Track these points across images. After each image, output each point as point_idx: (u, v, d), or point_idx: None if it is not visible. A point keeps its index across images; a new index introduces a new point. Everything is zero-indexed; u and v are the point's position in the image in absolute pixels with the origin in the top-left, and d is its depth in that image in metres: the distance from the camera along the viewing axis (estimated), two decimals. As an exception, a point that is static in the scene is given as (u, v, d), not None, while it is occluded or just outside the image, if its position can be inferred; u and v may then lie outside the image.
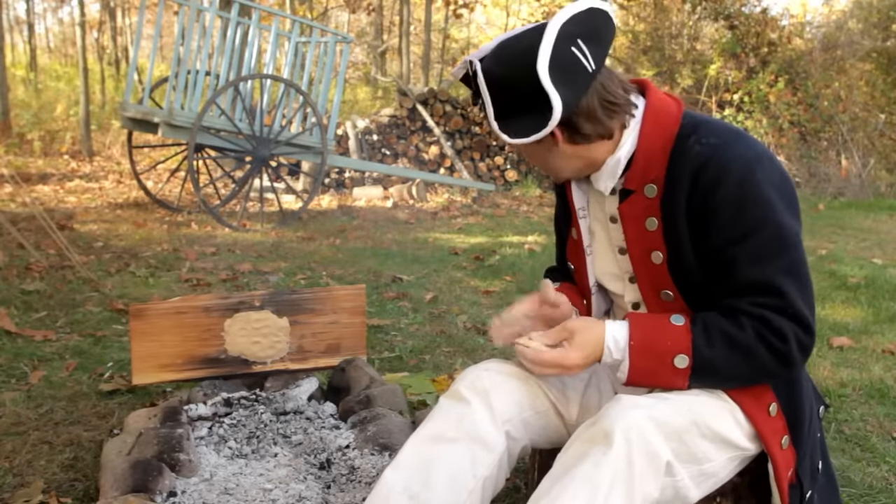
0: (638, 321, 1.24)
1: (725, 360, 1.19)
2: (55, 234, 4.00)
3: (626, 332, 1.23)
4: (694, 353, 1.19)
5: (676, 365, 1.20)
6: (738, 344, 1.18)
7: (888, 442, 2.27)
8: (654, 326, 1.23)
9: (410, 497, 1.23)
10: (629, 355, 1.21)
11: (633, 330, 1.22)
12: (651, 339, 1.21)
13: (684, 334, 1.20)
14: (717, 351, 1.19)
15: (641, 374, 1.22)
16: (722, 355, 1.19)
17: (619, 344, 1.23)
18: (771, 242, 1.19)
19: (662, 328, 1.22)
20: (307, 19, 12.67)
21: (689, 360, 1.19)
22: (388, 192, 8.19)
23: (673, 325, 1.22)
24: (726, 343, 1.18)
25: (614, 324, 1.25)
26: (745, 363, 1.19)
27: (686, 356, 1.19)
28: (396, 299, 3.80)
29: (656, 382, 1.23)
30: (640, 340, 1.21)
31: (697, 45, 13.39)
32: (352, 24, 19.66)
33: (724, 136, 1.24)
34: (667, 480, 1.16)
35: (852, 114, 11.49)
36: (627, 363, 1.21)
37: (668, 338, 1.21)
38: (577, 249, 1.45)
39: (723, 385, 1.24)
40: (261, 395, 2.13)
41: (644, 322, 1.24)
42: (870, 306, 3.93)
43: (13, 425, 2.15)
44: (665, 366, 1.20)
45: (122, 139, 9.54)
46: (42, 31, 22.95)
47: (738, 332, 1.18)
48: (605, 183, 1.31)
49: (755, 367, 1.20)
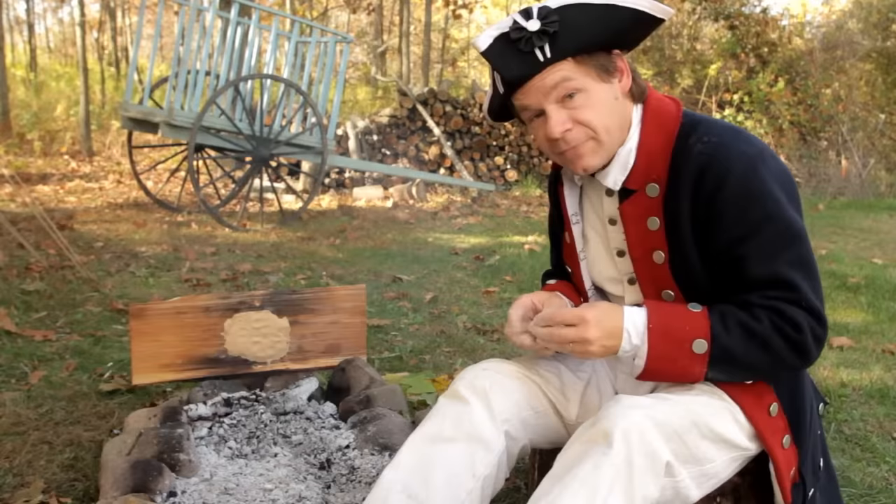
0: (656, 306, 1.23)
1: (743, 348, 1.18)
2: (55, 234, 4.00)
3: (645, 316, 1.21)
4: (713, 338, 1.18)
5: (695, 350, 1.18)
6: (755, 333, 1.18)
7: (888, 442, 2.27)
8: (672, 311, 1.22)
9: (409, 497, 1.23)
10: (648, 338, 1.19)
11: (652, 314, 1.21)
12: (670, 323, 1.20)
13: (703, 320, 1.19)
14: (735, 339, 1.18)
15: (660, 358, 1.20)
16: (739, 344, 1.18)
17: (639, 328, 1.20)
18: (778, 237, 1.19)
19: (681, 313, 1.21)
20: (307, 19, 12.67)
21: (707, 345, 1.18)
22: (388, 192, 8.19)
23: (691, 312, 1.21)
24: (744, 332, 1.18)
25: (632, 308, 1.23)
26: (763, 353, 1.18)
27: (705, 341, 1.18)
28: (396, 299, 3.80)
29: (674, 368, 1.20)
30: (659, 323, 1.20)
31: (697, 45, 13.40)
32: (352, 24, 19.66)
33: (725, 134, 1.24)
34: (667, 481, 1.16)
35: (852, 114, 11.50)
36: (646, 349, 1.19)
37: (686, 322, 1.20)
38: (572, 253, 1.46)
39: (740, 376, 1.23)
40: (261, 395, 2.13)
41: (662, 307, 1.23)
42: (870, 306, 3.93)
43: (13, 425, 2.15)
44: (683, 351, 1.19)
45: (122, 139, 9.55)
46: (42, 31, 22.97)
47: (755, 323, 1.18)
48: (615, 177, 1.30)
49: (772, 357, 1.19)
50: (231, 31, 6.09)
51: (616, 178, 1.30)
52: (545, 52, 1.20)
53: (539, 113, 1.26)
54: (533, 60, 1.21)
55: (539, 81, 1.22)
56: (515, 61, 1.22)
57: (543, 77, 1.22)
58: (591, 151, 1.26)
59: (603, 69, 1.24)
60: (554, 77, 1.21)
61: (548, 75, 1.22)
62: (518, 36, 1.20)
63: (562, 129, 1.23)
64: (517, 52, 1.21)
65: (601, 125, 1.24)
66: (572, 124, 1.24)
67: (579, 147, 1.26)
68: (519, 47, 1.20)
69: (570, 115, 1.24)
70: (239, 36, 6.22)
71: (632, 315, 1.21)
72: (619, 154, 1.29)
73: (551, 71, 1.21)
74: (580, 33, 1.20)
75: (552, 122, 1.24)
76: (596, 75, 1.23)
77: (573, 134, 1.24)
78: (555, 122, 1.23)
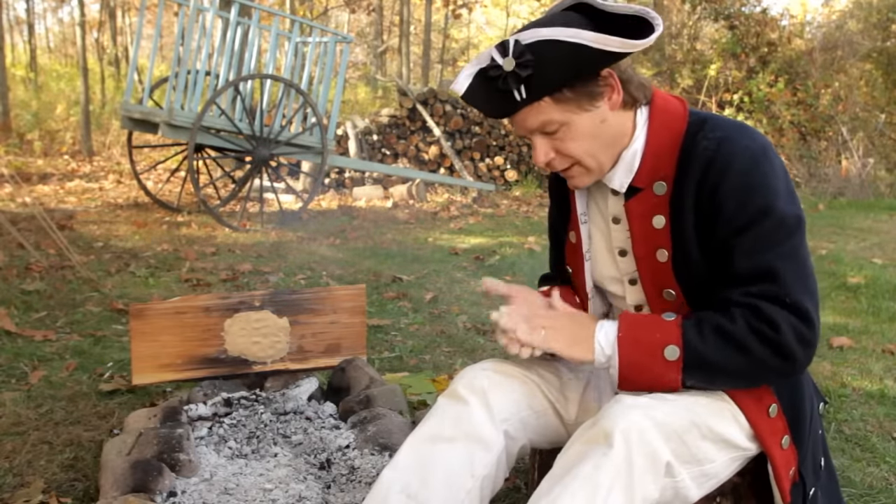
0: (628, 317, 1.25)
1: (718, 353, 1.17)
2: (55, 234, 4.00)
3: (615, 327, 1.23)
4: (684, 344, 1.18)
5: (667, 357, 1.18)
6: (730, 336, 1.16)
7: (888, 442, 2.27)
8: (643, 321, 1.23)
9: (408, 497, 1.23)
10: (618, 347, 1.21)
11: (622, 323, 1.23)
12: (640, 332, 1.21)
13: (674, 327, 1.20)
14: (709, 344, 1.17)
15: (632, 367, 1.20)
16: (714, 348, 1.17)
17: (609, 338, 1.23)
18: (772, 230, 1.18)
19: (652, 322, 1.22)
20: (307, 19, 12.67)
21: (679, 351, 1.18)
22: (388, 192, 8.19)
23: (663, 320, 1.22)
24: (719, 336, 1.17)
25: (605, 321, 1.27)
26: (740, 356, 1.16)
27: (676, 347, 1.18)
28: (396, 299, 3.80)
29: (650, 377, 1.20)
30: (629, 332, 1.22)
31: (697, 45, 13.39)
32: (352, 24, 19.66)
33: (729, 129, 1.24)
34: (667, 481, 1.16)
35: (852, 114, 11.49)
36: (617, 358, 1.21)
37: (657, 330, 1.20)
38: (576, 253, 1.46)
39: (723, 383, 1.22)
40: (261, 395, 2.13)
41: (635, 317, 1.25)
42: (870, 306, 3.93)
43: (13, 425, 2.15)
44: (655, 358, 1.19)
45: (122, 139, 9.55)
46: (42, 31, 22.98)
47: (730, 325, 1.16)
48: (621, 179, 1.30)
49: (752, 361, 1.17)
50: (231, 31, 6.09)
51: (622, 180, 1.30)
52: (521, 92, 1.19)
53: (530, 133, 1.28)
54: (511, 99, 1.21)
55: (520, 118, 1.24)
56: (494, 100, 1.22)
57: (524, 116, 1.23)
58: (580, 174, 1.30)
59: (586, 98, 1.22)
60: (534, 119, 1.23)
61: (528, 115, 1.22)
62: (495, 74, 1.19)
63: (545, 159, 1.26)
64: (496, 90, 1.21)
65: (585, 154, 1.26)
66: (555, 154, 1.27)
67: (567, 171, 1.30)
68: (497, 86, 1.20)
69: (553, 146, 1.26)
70: (239, 36, 6.22)
71: (603, 327, 1.25)
72: (623, 157, 1.29)
73: (530, 112, 1.22)
74: (555, 72, 1.18)
75: (536, 153, 1.27)
76: (577, 108, 1.22)
77: (557, 162, 1.28)
78: (538, 153, 1.27)
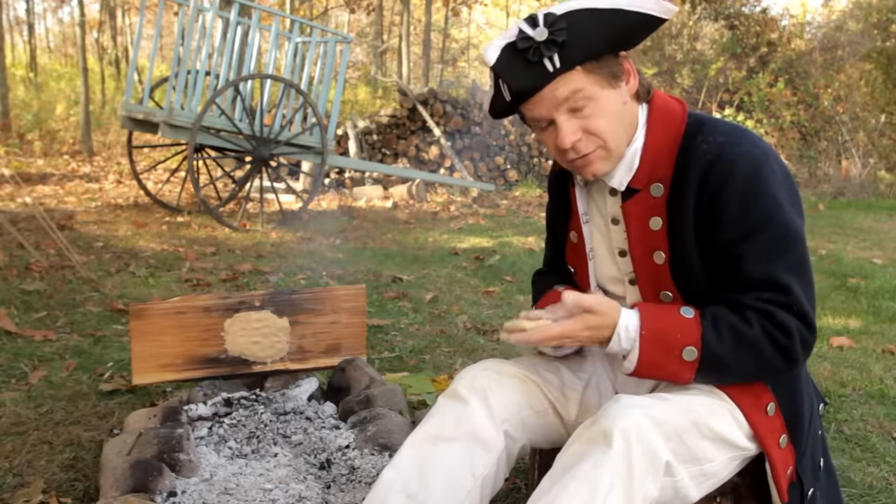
0: (649, 312, 1.23)
1: (733, 354, 1.19)
2: (55, 234, 4.00)
3: (637, 322, 1.21)
4: (703, 346, 1.19)
5: (684, 357, 1.19)
6: (745, 339, 1.18)
7: (888, 442, 2.27)
8: (664, 318, 1.22)
9: (409, 496, 1.23)
10: (639, 345, 1.20)
11: (645, 320, 1.21)
12: (662, 331, 1.20)
13: (694, 327, 1.20)
14: (725, 345, 1.18)
15: (649, 365, 1.21)
16: (730, 350, 1.18)
17: (630, 334, 1.21)
18: (777, 240, 1.19)
19: (673, 320, 1.21)
20: (307, 19, 12.67)
21: (697, 353, 1.19)
22: (388, 192, 8.19)
23: (683, 318, 1.21)
24: (734, 337, 1.18)
25: (626, 312, 1.23)
26: (751, 358, 1.19)
27: (695, 349, 1.19)
28: (396, 299, 3.80)
29: (662, 373, 1.22)
30: (651, 331, 1.20)
31: (697, 45, 13.40)
32: (352, 24, 19.66)
33: (730, 134, 1.24)
34: (666, 480, 1.16)
35: (852, 114, 11.50)
36: (637, 354, 1.21)
37: (678, 329, 1.20)
38: (578, 253, 1.45)
39: (726, 380, 1.24)
40: (261, 395, 2.13)
41: (655, 313, 1.23)
42: (870, 306, 3.93)
43: (13, 425, 2.15)
44: (673, 357, 1.20)
45: (122, 139, 9.55)
46: (42, 31, 22.97)
47: (746, 327, 1.18)
48: (620, 178, 1.30)
49: (760, 363, 1.19)
50: (231, 31, 6.09)
51: (622, 178, 1.30)
52: (554, 62, 1.17)
53: (549, 122, 1.25)
54: (542, 71, 1.18)
55: (549, 93, 1.20)
56: (524, 72, 1.19)
57: (554, 88, 1.20)
58: (601, 159, 1.27)
59: (612, 75, 1.22)
60: (565, 89, 1.20)
61: (558, 86, 1.20)
62: (525, 46, 1.17)
63: (573, 139, 1.22)
64: (525, 63, 1.18)
65: (611, 133, 1.24)
66: (582, 134, 1.23)
67: (590, 155, 1.26)
68: (527, 57, 1.18)
69: (580, 125, 1.23)
70: (239, 36, 6.22)
71: (626, 318, 1.22)
72: (625, 155, 1.29)
73: (561, 82, 1.19)
74: (588, 40, 1.18)
75: (563, 133, 1.23)
76: (605, 82, 1.22)
77: (583, 144, 1.24)
78: (565, 132, 1.22)
